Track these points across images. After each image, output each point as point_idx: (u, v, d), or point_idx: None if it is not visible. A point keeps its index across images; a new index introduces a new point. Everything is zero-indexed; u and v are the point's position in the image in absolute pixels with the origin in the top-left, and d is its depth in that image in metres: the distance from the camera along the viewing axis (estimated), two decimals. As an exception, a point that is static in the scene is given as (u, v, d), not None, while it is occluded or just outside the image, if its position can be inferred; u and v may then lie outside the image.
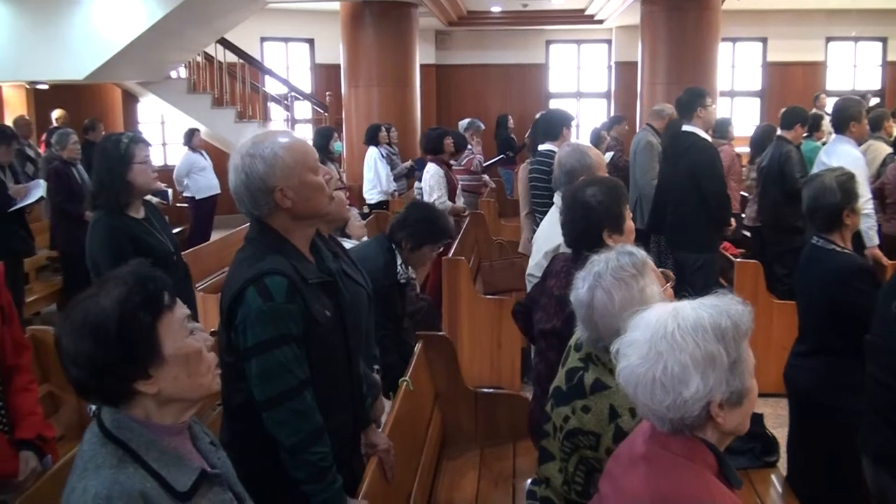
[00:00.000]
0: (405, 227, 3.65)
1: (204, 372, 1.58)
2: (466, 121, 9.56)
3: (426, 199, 6.71)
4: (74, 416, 3.91)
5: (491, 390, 4.06)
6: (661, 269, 2.45)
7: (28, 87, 11.55)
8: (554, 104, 14.17)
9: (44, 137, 9.97)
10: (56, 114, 10.39)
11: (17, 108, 11.54)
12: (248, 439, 2.16)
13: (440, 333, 3.91)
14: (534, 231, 4.66)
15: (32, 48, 9.51)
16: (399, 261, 3.60)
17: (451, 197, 6.70)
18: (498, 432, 3.84)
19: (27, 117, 10.15)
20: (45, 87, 11.37)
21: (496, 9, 13.55)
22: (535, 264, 3.64)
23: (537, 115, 6.28)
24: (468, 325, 5.50)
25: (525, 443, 3.71)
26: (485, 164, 9.12)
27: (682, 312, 1.61)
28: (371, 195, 8.95)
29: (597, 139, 8.06)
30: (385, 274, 3.49)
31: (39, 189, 6.51)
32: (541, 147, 5.31)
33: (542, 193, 5.02)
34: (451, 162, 7.48)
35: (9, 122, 9.97)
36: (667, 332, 1.58)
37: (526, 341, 5.03)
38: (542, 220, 4.23)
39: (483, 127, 9.52)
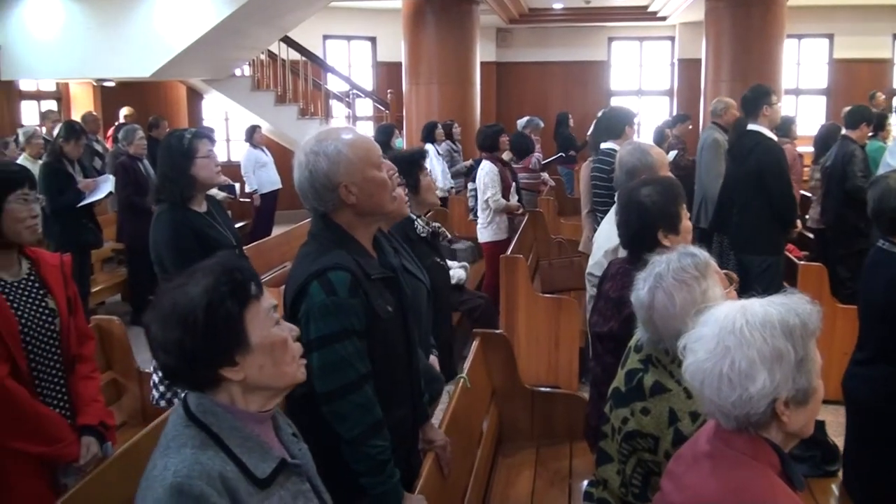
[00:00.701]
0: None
1: (289, 361, 1.61)
2: (525, 119, 9.55)
3: (480, 196, 6.70)
4: (137, 403, 4.02)
5: (548, 389, 4.04)
6: (724, 271, 2.41)
7: (95, 84, 11.87)
8: (615, 102, 14.04)
9: (111, 133, 10.23)
10: (124, 111, 10.66)
11: (84, 104, 11.87)
12: (309, 431, 2.19)
13: (498, 331, 3.90)
14: (594, 230, 4.62)
15: (100, 46, 9.79)
16: (414, 217, 3.59)
17: (506, 194, 6.67)
18: (554, 432, 3.83)
19: (95, 113, 10.42)
20: (112, 84, 11.67)
21: (558, 6, 13.46)
22: (595, 263, 3.61)
23: (599, 113, 6.23)
24: (526, 324, 5.47)
25: (582, 443, 3.68)
26: (543, 163, 9.07)
27: (751, 309, 1.60)
28: (428, 192, 8.95)
29: (660, 137, 7.96)
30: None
31: (108, 184, 6.69)
32: (602, 145, 5.25)
33: (603, 192, 4.98)
34: (512, 159, 7.47)
35: (76, 118, 10.28)
36: (735, 328, 1.57)
37: (584, 341, 5.00)
38: (602, 219, 4.19)
39: (542, 125, 9.50)
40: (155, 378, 3.48)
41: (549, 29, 14.58)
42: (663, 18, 13.58)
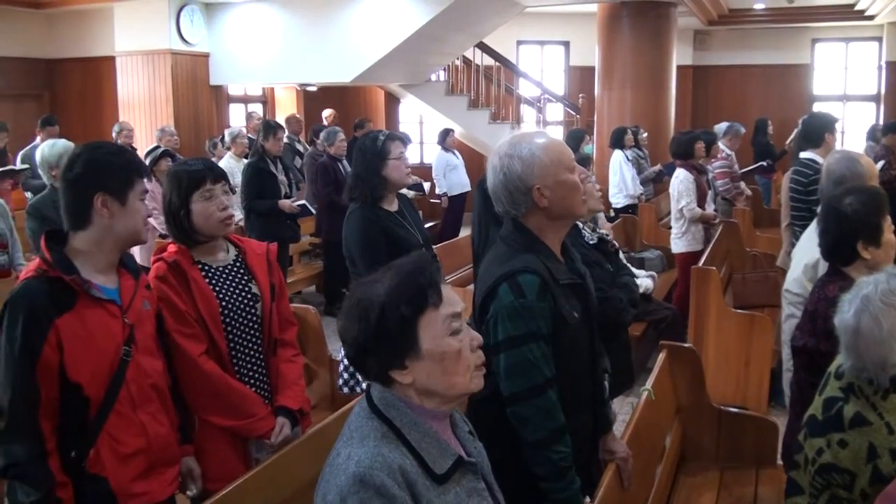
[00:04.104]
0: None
1: (461, 372, 1.61)
2: (725, 125, 9.14)
3: (674, 205, 6.51)
4: (327, 389, 4.22)
5: (736, 410, 3.86)
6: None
7: (299, 88, 12.59)
8: (818, 108, 13.18)
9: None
10: (326, 113, 11.24)
11: (288, 108, 12.65)
12: (491, 430, 2.21)
13: (686, 345, 3.76)
14: (793, 245, 4.37)
15: (304, 53, 10.38)
16: (581, 225, 3.52)
17: (701, 203, 6.44)
18: (741, 455, 3.63)
19: (298, 116, 11.06)
20: (314, 88, 12.32)
21: (759, 6, 12.80)
22: (794, 279, 3.42)
23: (800, 120, 5.89)
24: (715, 339, 5.24)
25: (769, 470, 3.51)
26: (741, 172, 8.68)
27: None
28: (617, 199, 8.83)
29: (872, 145, 7.42)
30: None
31: (306, 210, 7.24)
32: (802, 154, 4.95)
33: (801, 205, 4.70)
34: (707, 167, 7.21)
35: (280, 120, 10.97)
36: None
37: (776, 362, 4.73)
38: (800, 233, 3.96)
39: (743, 131, 9.07)
40: (341, 366, 3.65)
41: (748, 30, 13.90)
42: (871, 17, 12.55)
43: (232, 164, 7.82)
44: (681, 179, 6.41)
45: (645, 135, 9.79)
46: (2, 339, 2.18)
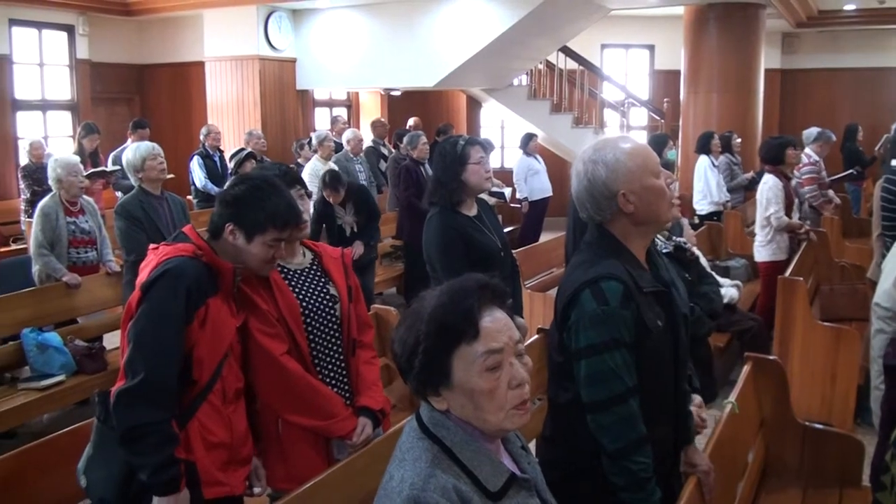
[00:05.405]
0: None
1: (494, 410, 1.55)
2: (815, 131, 8.86)
3: (760, 212, 6.32)
4: (405, 389, 4.24)
5: (821, 426, 3.74)
6: None
7: (383, 93, 12.76)
8: (911, 113, 12.66)
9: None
10: (411, 122, 11.48)
11: (372, 112, 12.84)
12: (571, 438, 2.21)
13: (771, 357, 3.66)
14: (883, 255, 4.23)
15: (388, 58, 10.52)
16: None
17: (787, 212, 6.26)
18: (825, 473, 3.50)
19: (383, 120, 11.22)
20: (398, 93, 12.46)
21: (849, 7, 12.34)
22: (884, 292, 3.31)
23: (893, 126, 5.67)
24: (800, 353, 5.08)
25: (853, 490, 3.39)
26: (831, 179, 8.42)
27: None
28: (701, 205, 8.67)
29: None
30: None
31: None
32: (893, 162, 4.79)
33: (891, 215, 4.54)
34: (794, 174, 7.01)
35: (365, 124, 11.14)
36: None
37: (863, 378, 4.58)
38: (892, 243, 3.83)
39: (834, 139, 8.79)
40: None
41: (839, 32, 13.42)
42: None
43: (318, 167, 8.03)
44: (770, 186, 6.22)
45: (738, 140, 9.57)
46: (150, 303, 2.36)
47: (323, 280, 2.85)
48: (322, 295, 2.82)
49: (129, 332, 2.36)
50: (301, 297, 2.76)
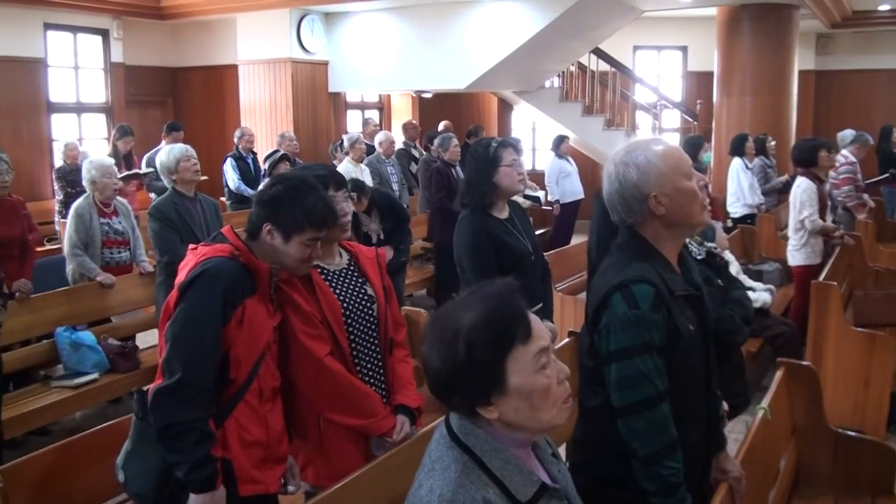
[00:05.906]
0: None
1: (548, 408, 1.55)
2: (851, 133, 8.75)
3: (794, 215, 6.24)
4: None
5: (854, 434, 3.69)
6: None
7: (414, 95, 12.78)
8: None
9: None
10: (442, 126, 11.44)
11: (404, 114, 12.86)
12: (601, 442, 2.20)
13: (805, 363, 3.62)
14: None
15: (420, 60, 10.55)
16: (687, 239, 3.42)
17: (821, 215, 6.18)
18: (857, 482, 3.46)
19: (414, 122, 11.25)
20: (429, 95, 12.48)
21: (884, 7, 12.13)
22: (920, 298, 3.27)
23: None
24: (834, 358, 5.01)
25: (886, 499, 3.36)
26: (867, 182, 8.30)
27: None
28: (735, 208, 8.58)
29: None
30: None
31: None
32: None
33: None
34: (830, 175, 6.92)
35: (396, 127, 11.16)
36: None
37: (896, 385, 4.52)
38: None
39: (871, 142, 8.66)
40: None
41: (874, 33, 13.20)
42: None
43: (350, 168, 8.07)
44: (803, 189, 6.14)
45: (773, 143, 9.47)
46: (187, 303, 2.40)
47: (360, 280, 2.89)
48: (360, 295, 2.86)
49: (167, 331, 2.40)
50: (341, 297, 2.80)
